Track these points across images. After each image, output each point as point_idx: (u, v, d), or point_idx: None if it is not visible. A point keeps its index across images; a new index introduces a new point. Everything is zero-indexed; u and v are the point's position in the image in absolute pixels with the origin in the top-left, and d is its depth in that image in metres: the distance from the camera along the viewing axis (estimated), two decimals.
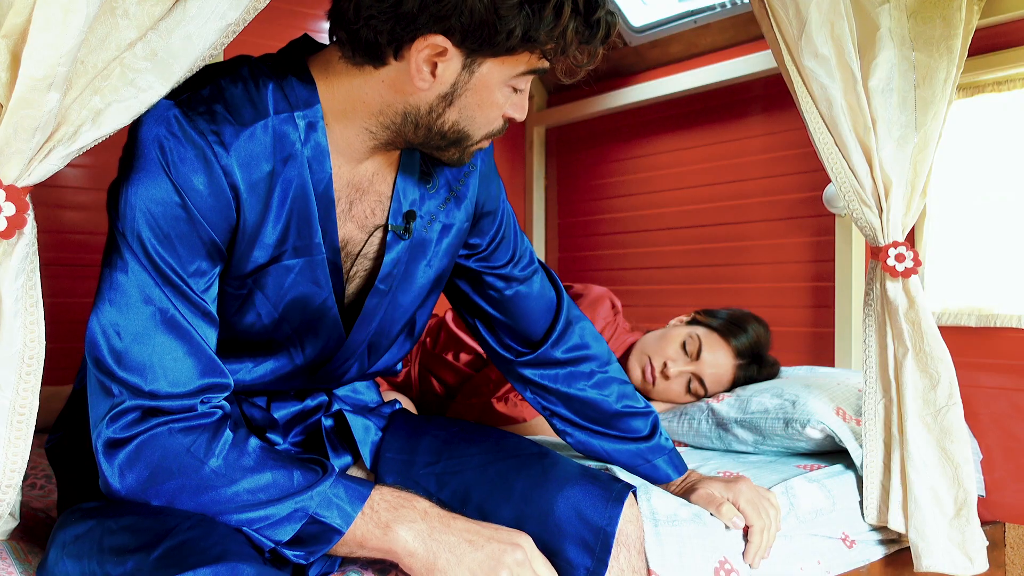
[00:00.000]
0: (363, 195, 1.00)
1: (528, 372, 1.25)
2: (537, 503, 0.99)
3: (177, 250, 0.86)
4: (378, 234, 1.02)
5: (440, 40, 0.86)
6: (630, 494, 1.03)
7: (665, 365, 1.84)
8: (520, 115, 0.98)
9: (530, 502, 0.99)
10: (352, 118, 0.94)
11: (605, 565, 0.96)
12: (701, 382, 1.84)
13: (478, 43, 0.87)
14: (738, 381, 1.86)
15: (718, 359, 1.84)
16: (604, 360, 1.28)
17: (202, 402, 0.87)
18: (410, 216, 1.02)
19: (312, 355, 1.04)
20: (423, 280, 1.07)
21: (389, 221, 1.01)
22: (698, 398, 1.86)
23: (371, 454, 1.11)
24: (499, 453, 1.07)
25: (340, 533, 0.85)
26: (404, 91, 0.91)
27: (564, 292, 1.27)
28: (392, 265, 1.02)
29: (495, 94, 0.93)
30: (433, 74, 0.89)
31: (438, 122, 0.93)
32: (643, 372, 1.86)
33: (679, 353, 1.85)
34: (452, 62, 0.89)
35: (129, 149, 0.87)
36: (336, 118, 0.94)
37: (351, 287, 1.03)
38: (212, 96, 0.88)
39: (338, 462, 1.10)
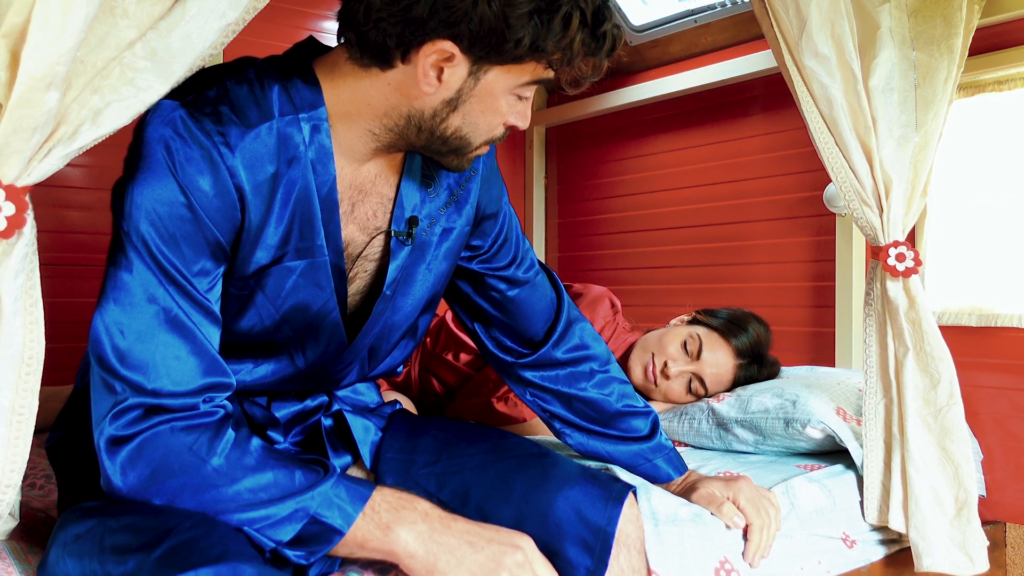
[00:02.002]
0: (365, 197, 1.00)
1: (528, 374, 1.25)
2: (537, 503, 0.99)
3: (182, 250, 0.86)
4: (380, 237, 1.02)
5: (448, 46, 0.87)
6: (630, 494, 1.03)
7: (666, 364, 1.83)
8: (523, 123, 0.98)
9: (530, 502, 0.99)
10: (356, 120, 0.95)
11: (605, 565, 0.96)
12: (702, 382, 1.83)
13: (486, 50, 0.87)
14: (738, 381, 1.85)
15: (718, 359, 1.83)
16: (604, 360, 1.28)
17: (204, 401, 0.87)
18: (413, 222, 1.02)
19: (313, 358, 1.04)
20: (423, 283, 1.07)
21: (392, 227, 1.01)
22: (698, 398, 1.86)
23: (371, 454, 1.11)
24: (499, 453, 1.07)
25: (341, 533, 0.85)
26: (409, 95, 0.92)
27: (564, 293, 1.27)
28: (398, 271, 1.02)
29: (499, 101, 0.93)
30: (439, 79, 0.89)
31: (441, 127, 0.94)
32: (645, 371, 1.86)
33: (680, 352, 1.85)
34: (459, 68, 0.89)
35: (135, 149, 0.87)
36: (340, 119, 0.94)
37: (352, 288, 1.03)
38: (218, 97, 0.89)
39: (338, 462, 1.10)
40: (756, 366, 1.86)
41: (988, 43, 1.82)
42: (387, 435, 1.13)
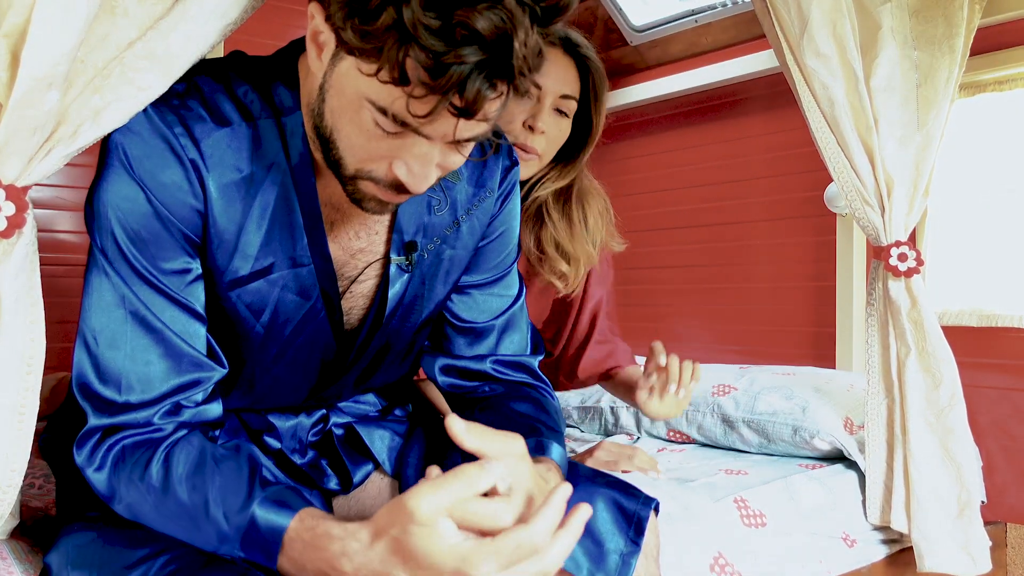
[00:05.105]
0: (344, 217, 0.92)
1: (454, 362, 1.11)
2: (577, 491, 0.95)
3: (149, 248, 0.83)
4: (377, 263, 0.96)
5: (314, 7, 0.73)
6: (655, 503, 1.00)
7: (527, 127, 1.40)
8: (410, 179, 0.76)
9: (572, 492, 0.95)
10: (307, 123, 0.87)
11: (638, 547, 0.93)
12: (567, 97, 1.43)
13: (342, 22, 0.70)
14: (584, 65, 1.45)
15: (554, 69, 1.41)
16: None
17: (164, 413, 0.84)
18: (411, 247, 0.96)
19: (304, 379, 1.00)
20: (421, 309, 1.02)
21: (391, 253, 0.95)
22: (567, 114, 1.45)
23: (391, 460, 1.08)
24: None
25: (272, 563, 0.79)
26: (309, 74, 0.82)
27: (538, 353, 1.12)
28: (396, 300, 0.97)
29: (355, 105, 0.74)
30: (319, 54, 0.76)
31: (319, 120, 0.79)
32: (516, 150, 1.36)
33: (518, 109, 1.40)
34: (329, 43, 0.74)
35: (101, 149, 0.84)
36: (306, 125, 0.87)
37: (346, 307, 0.98)
38: (187, 92, 0.85)
39: (358, 470, 1.06)
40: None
41: (989, 43, 1.82)
42: (409, 440, 1.09)
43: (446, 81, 0.67)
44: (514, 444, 0.75)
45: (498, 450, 0.72)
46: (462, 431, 0.71)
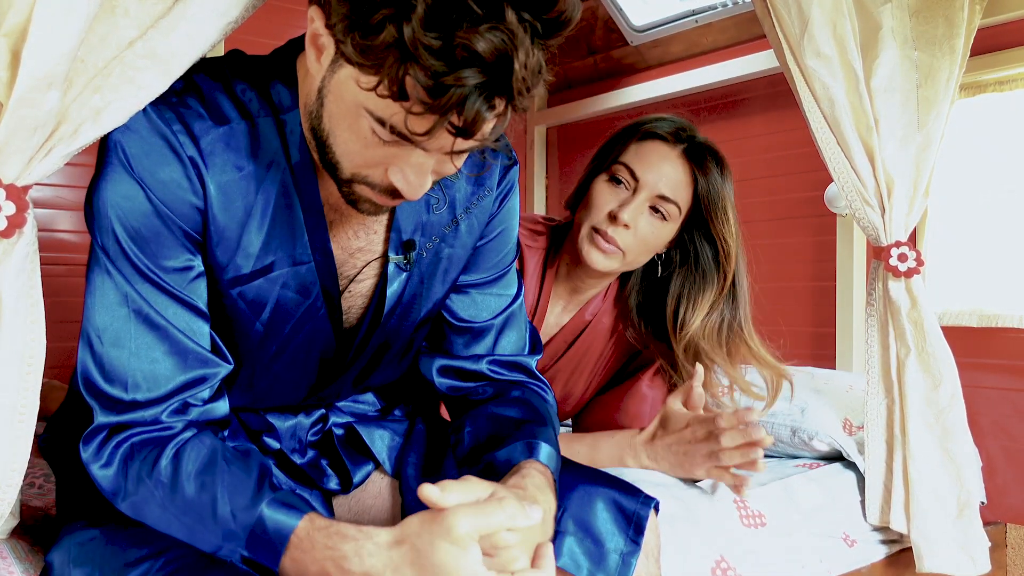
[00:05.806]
0: (342, 217, 0.92)
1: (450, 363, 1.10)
2: (576, 490, 0.94)
3: (150, 246, 0.83)
4: (375, 262, 0.96)
5: (314, 11, 0.73)
6: (655, 502, 1.00)
7: (611, 217, 1.35)
8: (405, 187, 0.76)
9: (570, 490, 0.94)
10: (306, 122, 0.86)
11: (638, 546, 0.92)
12: (664, 198, 1.36)
13: (342, 34, 0.70)
14: (701, 186, 1.39)
15: (661, 165, 1.37)
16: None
17: (172, 410, 0.84)
18: (409, 245, 0.95)
19: (302, 376, 1.00)
20: (419, 308, 1.01)
21: (389, 252, 0.95)
22: (664, 217, 1.39)
23: (391, 460, 1.08)
24: None
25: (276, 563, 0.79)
26: (307, 75, 0.82)
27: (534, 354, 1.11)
28: (395, 299, 0.97)
29: (354, 113, 0.74)
30: (318, 57, 0.75)
31: (316, 123, 0.79)
32: (595, 244, 1.36)
33: (612, 194, 1.38)
34: (328, 49, 0.74)
35: (100, 148, 0.84)
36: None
37: (345, 306, 0.98)
38: (185, 90, 0.85)
39: (358, 470, 1.07)
40: (707, 152, 1.40)
41: (989, 43, 1.82)
42: (409, 439, 1.09)
43: (445, 101, 0.67)
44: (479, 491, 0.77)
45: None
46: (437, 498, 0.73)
